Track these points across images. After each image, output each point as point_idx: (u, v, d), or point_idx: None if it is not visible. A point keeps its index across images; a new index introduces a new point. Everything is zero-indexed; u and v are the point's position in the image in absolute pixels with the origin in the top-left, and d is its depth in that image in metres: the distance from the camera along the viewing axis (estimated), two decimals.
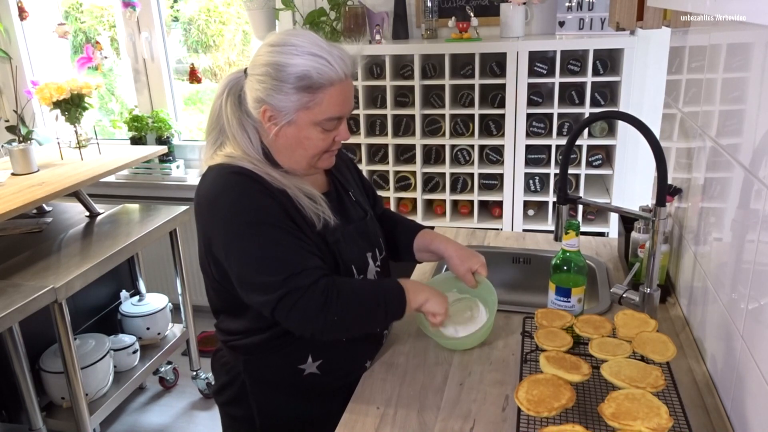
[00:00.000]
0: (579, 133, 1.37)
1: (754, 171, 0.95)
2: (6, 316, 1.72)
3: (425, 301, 1.23)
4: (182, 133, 3.35)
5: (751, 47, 0.99)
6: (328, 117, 1.14)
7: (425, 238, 1.44)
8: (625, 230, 1.65)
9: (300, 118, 1.13)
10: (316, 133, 1.15)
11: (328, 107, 1.13)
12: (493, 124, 2.47)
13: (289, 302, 1.09)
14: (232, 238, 1.12)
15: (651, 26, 1.36)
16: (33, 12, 3.16)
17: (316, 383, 1.25)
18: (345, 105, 1.16)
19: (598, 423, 0.98)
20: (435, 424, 1.11)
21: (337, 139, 1.19)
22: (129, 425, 2.61)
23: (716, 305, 1.14)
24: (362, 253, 1.27)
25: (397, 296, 1.20)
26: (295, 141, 1.16)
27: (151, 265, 3.20)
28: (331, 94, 1.12)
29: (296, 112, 1.13)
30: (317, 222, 1.17)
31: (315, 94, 1.11)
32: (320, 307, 1.10)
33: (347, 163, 1.41)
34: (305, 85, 1.10)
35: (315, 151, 1.18)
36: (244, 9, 2.77)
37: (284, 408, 1.27)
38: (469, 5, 2.56)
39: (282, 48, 1.11)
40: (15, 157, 2.29)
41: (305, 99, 1.11)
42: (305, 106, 1.12)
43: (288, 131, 1.15)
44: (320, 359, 1.23)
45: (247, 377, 1.26)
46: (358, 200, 1.34)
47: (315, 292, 1.10)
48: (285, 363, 1.23)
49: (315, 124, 1.14)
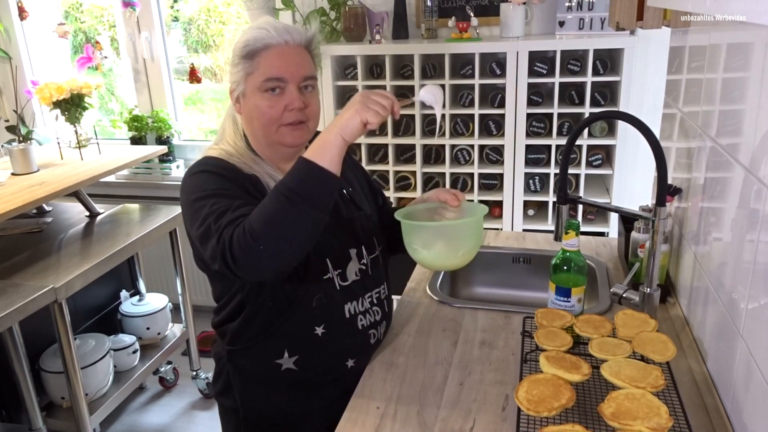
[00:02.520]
0: (579, 133, 1.37)
1: (754, 171, 0.95)
2: (6, 316, 1.72)
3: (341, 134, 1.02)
4: (182, 133, 3.35)
5: (751, 47, 0.99)
6: (267, 77, 1.17)
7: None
8: (625, 230, 1.65)
9: (248, 86, 1.19)
10: (262, 100, 1.18)
11: (266, 69, 1.17)
12: (493, 124, 2.47)
13: (227, 257, 1.01)
14: (189, 214, 1.16)
15: (651, 26, 1.36)
16: (33, 12, 3.16)
17: (295, 379, 1.26)
18: (284, 68, 1.17)
19: (598, 423, 0.98)
20: (435, 423, 1.11)
21: (289, 107, 1.18)
22: (129, 425, 2.61)
23: (716, 305, 1.14)
24: (343, 247, 1.26)
25: (296, 174, 1.02)
26: (249, 112, 1.21)
27: (151, 265, 3.20)
28: (267, 57, 1.17)
29: (245, 81, 1.19)
30: None
31: (254, 58, 1.17)
32: (244, 245, 1.00)
33: (351, 167, 1.41)
34: (246, 52, 1.17)
35: (265, 119, 1.19)
36: (244, 9, 2.77)
37: (265, 401, 1.29)
38: (469, 5, 2.56)
39: (242, 33, 1.22)
40: (15, 157, 2.29)
41: (247, 65, 1.18)
42: (248, 72, 1.18)
43: (245, 104, 1.21)
44: (296, 355, 1.24)
45: (231, 368, 1.29)
46: (353, 198, 1.33)
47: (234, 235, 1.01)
48: (263, 357, 1.25)
49: (258, 88, 1.18)
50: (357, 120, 1.01)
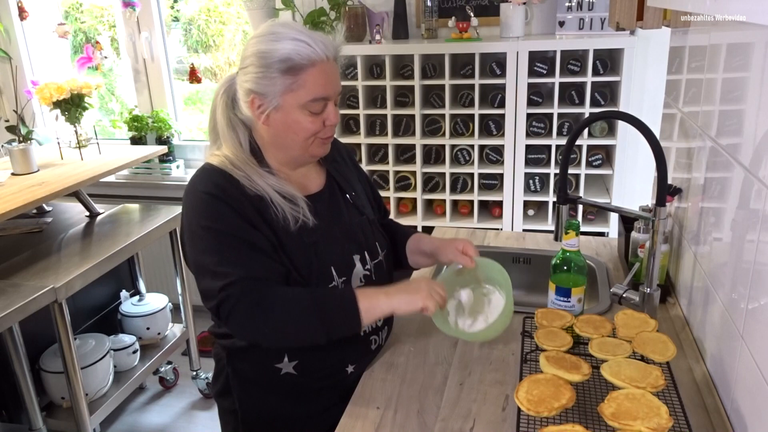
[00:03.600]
0: (579, 133, 1.37)
1: (754, 171, 0.95)
2: (6, 316, 1.72)
3: (395, 308, 1.14)
4: (182, 133, 3.35)
5: (751, 47, 0.99)
6: (313, 98, 1.14)
7: (414, 240, 1.42)
8: (625, 230, 1.65)
9: (286, 101, 1.14)
10: (304, 117, 1.16)
11: (313, 88, 1.14)
12: (493, 124, 2.47)
13: (224, 311, 1.11)
14: (190, 236, 1.16)
15: (651, 26, 1.36)
16: (33, 12, 3.16)
17: (294, 383, 1.26)
18: (329, 86, 1.16)
19: (598, 423, 0.98)
20: (435, 424, 1.11)
21: (327, 123, 1.19)
22: (129, 425, 2.61)
23: (716, 305, 1.14)
24: (347, 255, 1.25)
25: (342, 309, 1.12)
26: (284, 126, 1.17)
27: (151, 265, 3.20)
28: (313, 75, 1.13)
29: (282, 95, 1.14)
30: (293, 223, 1.18)
31: (298, 75, 1.13)
32: (250, 318, 1.11)
33: (353, 169, 1.41)
34: (288, 66, 1.12)
35: (305, 135, 1.18)
36: (244, 9, 2.77)
37: (264, 404, 1.29)
38: (469, 5, 2.56)
39: (265, 37, 1.15)
40: (15, 157, 2.29)
41: (289, 81, 1.13)
42: (290, 88, 1.13)
43: (276, 117, 1.16)
44: (296, 360, 1.23)
45: (230, 370, 1.28)
46: (355, 203, 1.32)
47: (245, 302, 1.10)
48: (262, 360, 1.24)
49: (301, 106, 1.15)
50: (420, 305, 1.13)
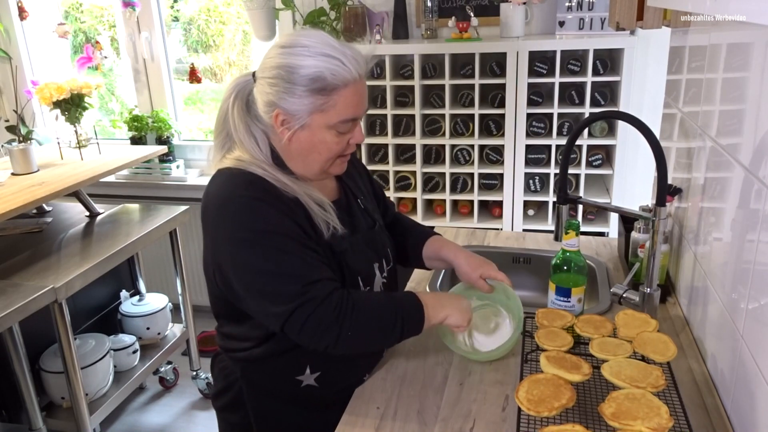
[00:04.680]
0: (579, 133, 1.37)
1: (754, 171, 0.95)
2: (6, 316, 1.72)
3: (446, 317, 1.19)
4: (182, 132, 3.35)
5: (751, 47, 0.99)
6: (343, 119, 1.10)
7: (434, 245, 1.40)
8: (625, 230, 1.65)
9: (314, 121, 1.09)
10: (331, 136, 1.11)
11: (344, 109, 1.09)
12: (493, 124, 2.47)
13: (302, 314, 1.04)
14: (240, 247, 1.07)
15: (651, 26, 1.36)
16: (33, 12, 3.16)
17: (314, 395, 1.23)
18: (360, 106, 1.12)
19: (599, 423, 0.98)
20: (435, 424, 1.11)
21: (352, 142, 1.16)
22: (129, 425, 2.61)
23: (716, 305, 1.14)
24: (369, 264, 1.23)
25: (415, 313, 1.14)
26: (309, 145, 1.12)
27: (151, 265, 3.20)
28: (345, 96, 1.08)
29: (310, 115, 1.08)
30: (326, 231, 1.14)
31: (329, 96, 1.07)
32: (334, 321, 1.05)
33: (359, 170, 1.38)
34: (319, 87, 1.06)
35: (329, 155, 1.14)
36: (244, 9, 2.77)
37: (281, 417, 1.25)
38: (469, 5, 2.56)
39: (293, 49, 1.07)
40: (15, 157, 2.29)
41: (319, 101, 1.07)
42: (319, 108, 1.08)
43: (301, 135, 1.11)
44: (318, 371, 1.21)
45: (244, 384, 1.23)
46: (366, 208, 1.30)
47: (329, 305, 1.05)
48: (283, 373, 1.21)
49: (329, 127, 1.10)
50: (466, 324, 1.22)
